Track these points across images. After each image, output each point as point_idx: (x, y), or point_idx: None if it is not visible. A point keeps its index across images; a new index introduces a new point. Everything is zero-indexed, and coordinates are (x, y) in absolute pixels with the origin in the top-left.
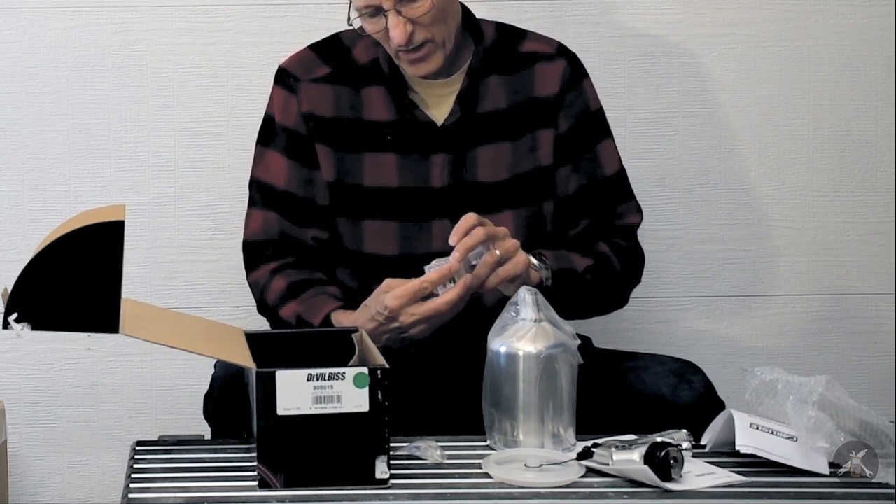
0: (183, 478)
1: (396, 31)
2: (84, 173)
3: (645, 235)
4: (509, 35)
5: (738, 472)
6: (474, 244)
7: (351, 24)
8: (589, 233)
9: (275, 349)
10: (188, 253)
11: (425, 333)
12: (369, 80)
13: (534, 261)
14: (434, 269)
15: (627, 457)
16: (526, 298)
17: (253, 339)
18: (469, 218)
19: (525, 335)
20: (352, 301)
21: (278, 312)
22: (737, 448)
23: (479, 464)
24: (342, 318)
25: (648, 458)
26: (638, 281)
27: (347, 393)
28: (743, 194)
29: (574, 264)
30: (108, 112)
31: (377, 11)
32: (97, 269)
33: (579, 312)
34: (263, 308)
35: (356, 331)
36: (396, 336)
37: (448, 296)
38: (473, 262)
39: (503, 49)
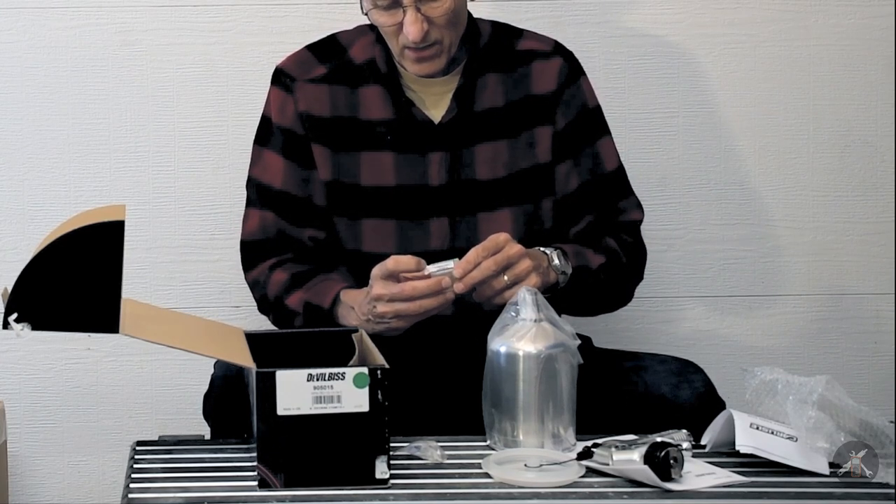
0: (183, 478)
1: (413, 28)
2: (84, 173)
3: (645, 235)
4: (506, 33)
5: (738, 472)
6: (482, 278)
7: (366, 14)
8: (593, 230)
9: (275, 349)
10: (188, 253)
11: (402, 327)
12: (366, 79)
13: (556, 261)
14: (435, 275)
15: (627, 457)
16: (526, 298)
17: (253, 339)
18: (478, 251)
19: (525, 335)
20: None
21: (284, 302)
22: (737, 448)
23: (479, 464)
24: (352, 294)
25: (648, 458)
26: (641, 278)
27: (347, 393)
28: (743, 194)
29: (589, 262)
30: (108, 112)
31: (395, 5)
32: (97, 269)
33: (590, 310)
34: (265, 305)
35: (356, 331)
36: (377, 322)
37: (424, 302)
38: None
39: (500, 47)
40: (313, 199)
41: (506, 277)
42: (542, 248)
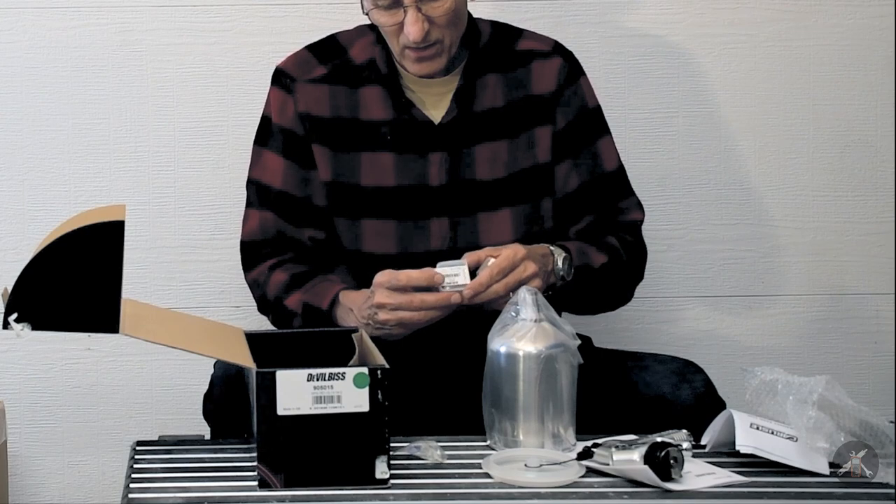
0: (183, 478)
1: (414, 28)
2: (84, 173)
3: (645, 235)
4: (505, 33)
5: (738, 472)
6: (492, 299)
7: (366, 14)
8: (594, 229)
9: (275, 349)
10: (188, 253)
11: (402, 333)
12: (366, 79)
13: (559, 264)
14: (445, 289)
15: (627, 457)
16: (526, 298)
17: (253, 339)
18: (492, 273)
19: (525, 335)
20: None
21: (283, 302)
22: (737, 448)
23: (479, 464)
24: (351, 296)
25: (648, 458)
26: (642, 277)
27: (347, 393)
28: (743, 194)
29: (592, 260)
30: (108, 112)
31: (395, 5)
32: (97, 269)
33: (590, 308)
34: (264, 305)
35: (356, 331)
36: (376, 327)
37: (430, 313)
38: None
39: (500, 47)
40: (313, 199)
41: (511, 294)
42: (549, 247)
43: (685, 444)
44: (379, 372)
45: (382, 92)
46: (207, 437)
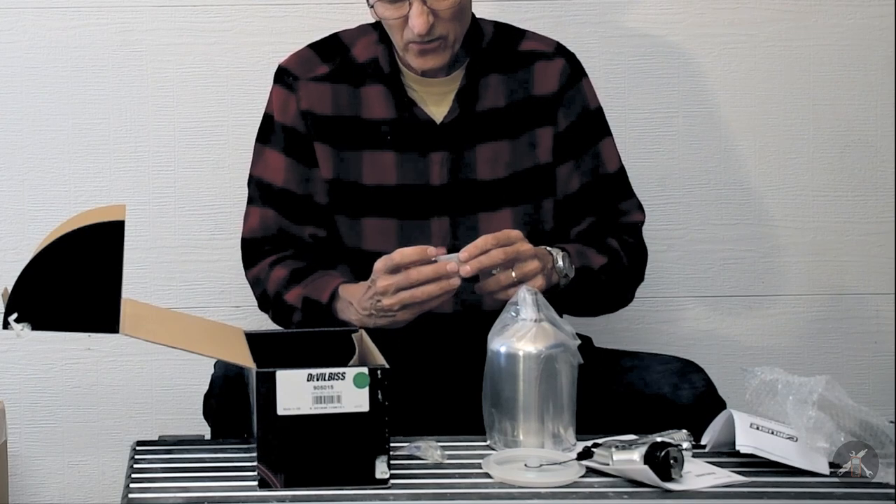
0: (183, 478)
1: (419, 20)
2: (84, 173)
3: (645, 235)
4: (508, 34)
5: (738, 472)
6: (491, 265)
7: (371, 7)
8: (595, 230)
9: (275, 349)
10: (188, 253)
11: (408, 318)
12: (369, 78)
13: (559, 263)
14: (441, 260)
15: (627, 457)
16: (526, 298)
17: (253, 339)
18: (487, 239)
19: (525, 335)
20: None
21: (283, 297)
22: (737, 448)
23: (479, 464)
24: (350, 289)
25: (648, 458)
26: (642, 279)
27: (347, 393)
28: (743, 194)
29: (592, 262)
30: (108, 112)
31: None
32: (97, 269)
33: (591, 310)
34: (264, 302)
35: (356, 331)
36: (379, 315)
37: (429, 288)
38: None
39: (502, 48)
40: (314, 197)
41: (514, 273)
42: (547, 248)
43: (685, 444)
44: (379, 372)
45: (385, 91)
46: (207, 437)
